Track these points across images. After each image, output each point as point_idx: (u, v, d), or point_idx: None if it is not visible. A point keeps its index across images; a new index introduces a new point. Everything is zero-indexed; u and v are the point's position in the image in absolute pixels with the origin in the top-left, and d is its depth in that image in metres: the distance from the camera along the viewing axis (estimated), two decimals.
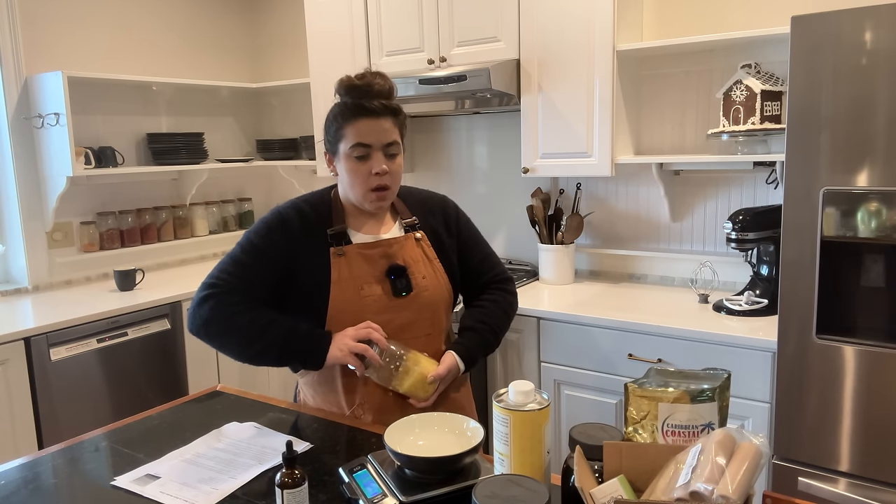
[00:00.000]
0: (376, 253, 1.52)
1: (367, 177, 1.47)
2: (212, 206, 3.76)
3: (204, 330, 1.46)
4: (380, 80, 1.47)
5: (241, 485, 1.21)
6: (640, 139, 2.80)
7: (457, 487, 1.10)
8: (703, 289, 2.56)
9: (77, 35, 3.16)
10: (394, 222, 1.60)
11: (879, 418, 1.80)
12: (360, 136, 1.44)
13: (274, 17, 3.92)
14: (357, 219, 1.56)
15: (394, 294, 1.50)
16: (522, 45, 2.65)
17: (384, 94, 1.47)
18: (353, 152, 1.46)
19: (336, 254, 1.49)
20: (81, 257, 3.18)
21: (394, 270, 1.51)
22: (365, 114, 1.44)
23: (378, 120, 1.45)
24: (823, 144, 1.80)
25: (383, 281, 1.50)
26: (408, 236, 1.57)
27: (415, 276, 1.52)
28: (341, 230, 1.52)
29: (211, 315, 1.44)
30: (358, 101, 1.45)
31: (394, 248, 1.53)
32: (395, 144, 1.49)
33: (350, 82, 1.46)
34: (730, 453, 0.87)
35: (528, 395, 1.05)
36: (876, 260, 1.79)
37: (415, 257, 1.54)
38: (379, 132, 1.45)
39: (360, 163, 1.46)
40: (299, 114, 3.88)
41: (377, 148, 1.46)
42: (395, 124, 1.49)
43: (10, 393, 2.39)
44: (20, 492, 1.21)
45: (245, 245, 1.51)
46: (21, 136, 2.95)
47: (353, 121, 1.45)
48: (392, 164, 1.49)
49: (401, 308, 1.50)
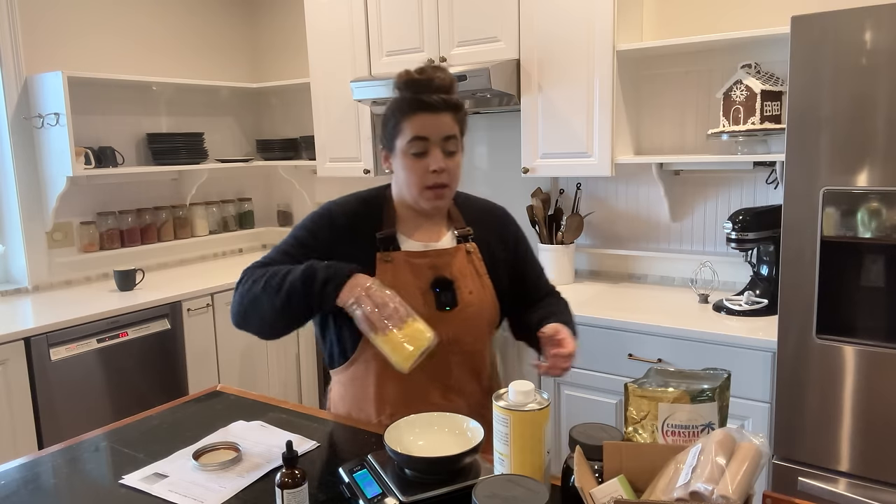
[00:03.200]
0: (424, 263, 1.44)
1: (423, 174, 1.39)
2: (212, 206, 3.76)
3: (236, 308, 1.39)
4: (441, 74, 1.40)
5: (248, 483, 1.21)
6: (640, 139, 2.80)
7: (457, 487, 1.10)
8: (703, 289, 2.56)
9: (77, 35, 3.16)
10: (447, 231, 1.51)
11: (879, 418, 1.80)
12: (417, 129, 1.37)
13: (274, 17, 3.92)
14: (409, 223, 1.49)
15: (437, 307, 1.42)
16: (522, 45, 2.66)
17: (444, 88, 1.40)
18: (410, 148, 1.38)
19: (382, 259, 1.43)
20: (81, 257, 3.18)
21: (440, 283, 1.43)
22: (424, 108, 1.37)
23: (438, 115, 1.38)
24: (823, 144, 1.80)
25: (427, 293, 1.42)
26: (459, 247, 1.48)
27: (461, 291, 1.44)
28: (390, 234, 1.45)
29: (240, 291, 1.39)
30: (417, 96, 1.38)
31: (442, 260, 1.45)
32: (453, 139, 1.40)
33: (409, 77, 1.40)
34: (730, 453, 0.87)
35: (528, 395, 1.05)
36: (876, 260, 1.79)
37: (463, 271, 1.46)
38: (438, 126, 1.38)
39: (417, 159, 1.39)
40: (299, 114, 3.88)
41: (435, 143, 1.38)
42: (455, 120, 1.41)
43: (10, 393, 2.39)
44: (20, 492, 1.21)
45: (289, 238, 1.46)
46: (21, 136, 2.95)
47: (410, 115, 1.38)
48: (450, 162, 1.40)
49: (443, 322, 1.41)
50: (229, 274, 3.32)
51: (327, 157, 3.33)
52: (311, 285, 1.30)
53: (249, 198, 3.99)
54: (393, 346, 1.24)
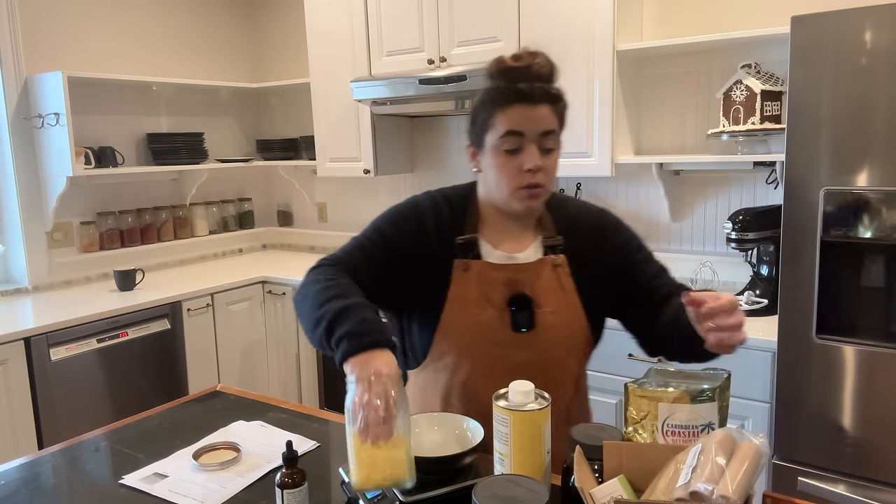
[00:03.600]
0: (502, 276, 1.30)
1: (516, 173, 1.24)
2: (212, 206, 3.76)
3: (295, 297, 1.27)
4: (540, 60, 1.25)
5: (248, 483, 1.21)
6: (640, 139, 2.80)
7: (457, 487, 1.10)
8: (703, 289, 2.56)
9: (77, 35, 3.16)
10: (534, 239, 1.35)
11: (879, 418, 1.80)
12: (511, 123, 1.22)
13: (274, 17, 3.92)
14: (493, 228, 1.34)
15: (512, 328, 1.28)
16: (522, 44, 2.65)
17: (544, 77, 1.24)
18: (503, 144, 1.23)
19: (460, 267, 1.30)
20: (81, 257, 3.18)
21: (516, 301, 1.28)
22: (520, 99, 1.22)
23: (535, 107, 1.22)
24: (823, 144, 1.80)
25: (504, 310, 1.28)
26: (545, 260, 1.32)
27: (541, 311, 1.29)
28: (472, 240, 1.32)
29: (298, 290, 1.26)
30: (512, 85, 1.23)
31: (524, 275, 1.30)
32: (552, 135, 1.25)
33: (504, 64, 1.25)
34: (730, 453, 0.87)
35: (528, 395, 1.05)
36: (876, 260, 1.79)
37: (547, 287, 1.30)
38: (535, 120, 1.22)
39: (510, 157, 1.24)
40: (299, 114, 3.88)
41: (531, 139, 1.23)
42: (553, 113, 1.25)
43: (10, 393, 2.39)
44: (20, 492, 1.21)
45: (370, 230, 1.34)
46: (21, 136, 2.95)
47: (504, 107, 1.23)
48: (547, 160, 1.25)
49: (519, 345, 1.28)
50: (229, 274, 3.32)
51: (327, 157, 3.33)
52: (332, 330, 1.11)
53: (249, 198, 3.99)
54: (357, 457, 0.99)
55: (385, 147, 3.24)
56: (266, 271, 3.36)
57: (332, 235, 3.87)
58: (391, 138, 3.28)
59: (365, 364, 1.03)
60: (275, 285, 3.26)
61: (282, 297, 3.25)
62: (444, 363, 1.31)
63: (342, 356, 1.06)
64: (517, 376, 1.21)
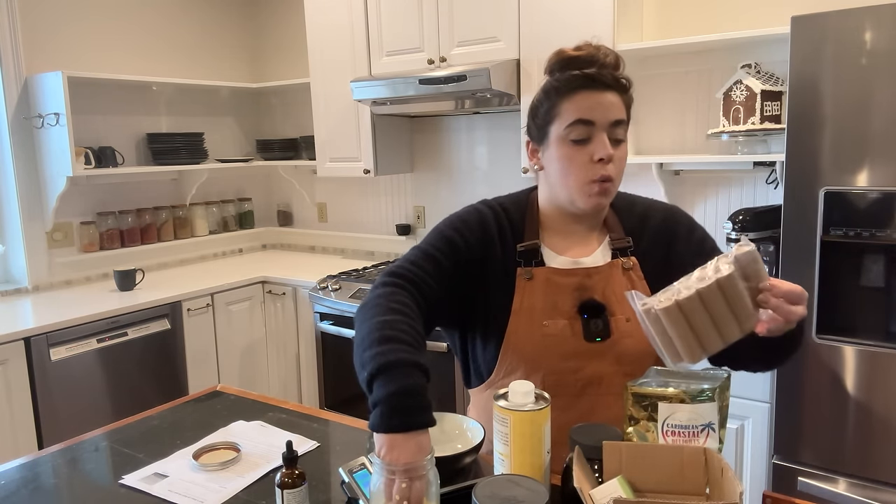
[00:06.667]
0: (570, 283, 1.21)
1: (586, 165, 1.16)
2: (212, 206, 3.76)
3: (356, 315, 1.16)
4: (604, 49, 1.19)
5: (248, 483, 1.21)
6: (640, 139, 2.79)
7: (457, 487, 1.10)
8: None
9: (77, 35, 3.16)
10: (600, 242, 1.27)
11: (879, 418, 1.80)
12: (580, 111, 1.15)
13: (274, 17, 3.92)
14: (555, 233, 1.27)
15: (585, 338, 1.19)
16: (522, 44, 2.65)
17: (610, 65, 1.18)
18: (571, 133, 1.15)
19: (523, 276, 1.22)
20: (81, 257, 3.18)
21: (588, 308, 1.20)
22: (588, 85, 1.15)
23: (604, 93, 1.15)
24: (823, 144, 1.80)
25: (574, 318, 1.20)
26: (614, 263, 1.23)
27: (616, 318, 1.20)
28: (534, 247, 1.24)
29: (368, 299, 1.16)
30: (579, 72, 1.16)
31: (594, 280, 1.21)
32: (622, 125, 1.17)
33: (566, 54, 1.19)
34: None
35: (528, 395, 1.05)
36: (876, 260, 1.79)
37: (619, 293, 1.21)
38: (605, 107, 1.15)
39: (579, 147, 1.16)
40: (299, 114, 3.88)
41: (601, 127, 1.15)
42: (623, 102, 1.18)
43: (10, 393, 2.39)
44: (20, 492, 1.21)
45: (435, 237, 1.25)
46: (21, 136, 2.95)
47: (571, 94, 1.16)
48: (618, 152, 1.17)
49: (592, 356, 1.19)
50: (229, 274, 3.32)
51: (327, 157, 3.33)
52: (371, 384, 1.00)
53: (249, 198, 3.99)
54: None
55: (385, 147, 3.24)
56: (266, 271, 3.36)
57: (332, 235, 3.87)
58: (391, 138, 3.28)
59: (393, 450, 0.93)
60: (275, 285, 3.27)
61: (282, 297, 3.25)
62: (511, 381, 1.17)
63: (373, 426, 0.96)
64: (592, 392, 1.17)
